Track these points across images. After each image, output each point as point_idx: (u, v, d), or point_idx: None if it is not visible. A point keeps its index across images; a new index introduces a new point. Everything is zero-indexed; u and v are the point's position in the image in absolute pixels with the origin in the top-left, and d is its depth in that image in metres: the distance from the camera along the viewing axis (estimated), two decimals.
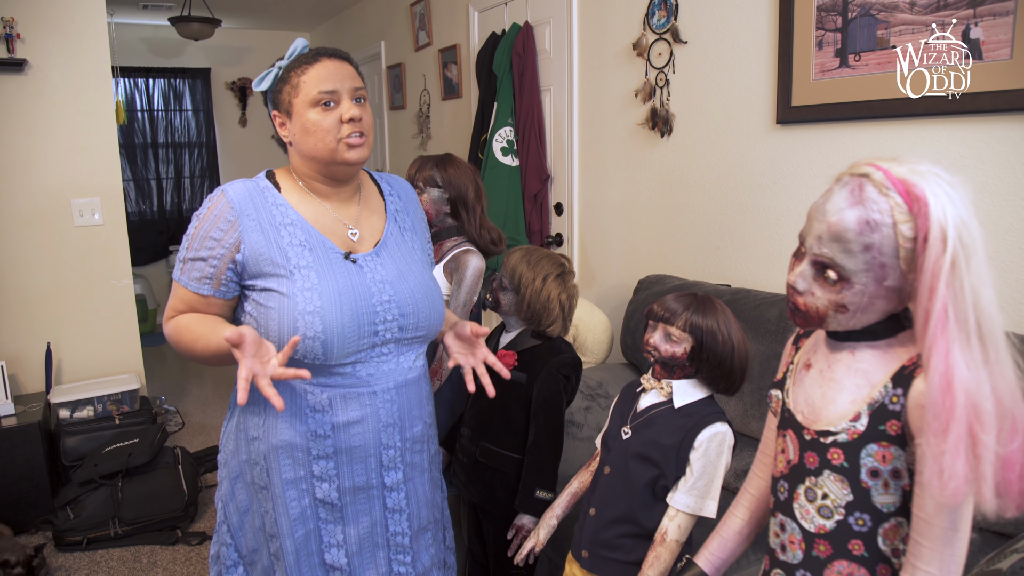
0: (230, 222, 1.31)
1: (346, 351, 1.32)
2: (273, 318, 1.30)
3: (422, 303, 1.42)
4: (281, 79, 1.34)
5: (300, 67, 1.32)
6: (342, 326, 1.30)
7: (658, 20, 2.74)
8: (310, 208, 1.39)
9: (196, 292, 1.34)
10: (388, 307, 1.37)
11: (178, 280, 1.35)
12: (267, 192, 1.37)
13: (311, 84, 1.30)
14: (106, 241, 3.37)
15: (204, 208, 1.35)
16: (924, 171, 0.85)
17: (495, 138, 3.51)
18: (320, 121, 1.31)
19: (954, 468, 0.79)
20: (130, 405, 3.28)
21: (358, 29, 5.76)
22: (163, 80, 6.31)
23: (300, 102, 1.31)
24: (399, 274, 1.41)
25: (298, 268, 1.32)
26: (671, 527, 1.37)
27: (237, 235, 1.31)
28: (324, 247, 1.36)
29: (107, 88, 3.28)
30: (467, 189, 2.06)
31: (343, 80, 1.32)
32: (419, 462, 1.49)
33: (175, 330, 1.35)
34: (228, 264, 1.32)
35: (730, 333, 1.39)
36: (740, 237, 2.53)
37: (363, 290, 1.35)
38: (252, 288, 1.34)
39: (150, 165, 6.31)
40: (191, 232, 1.34)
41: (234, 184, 1.37)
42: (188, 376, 5.10)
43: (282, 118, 1.36)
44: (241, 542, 1.43)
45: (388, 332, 1.37)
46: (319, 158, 1.34)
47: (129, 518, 2.81)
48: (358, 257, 1.38)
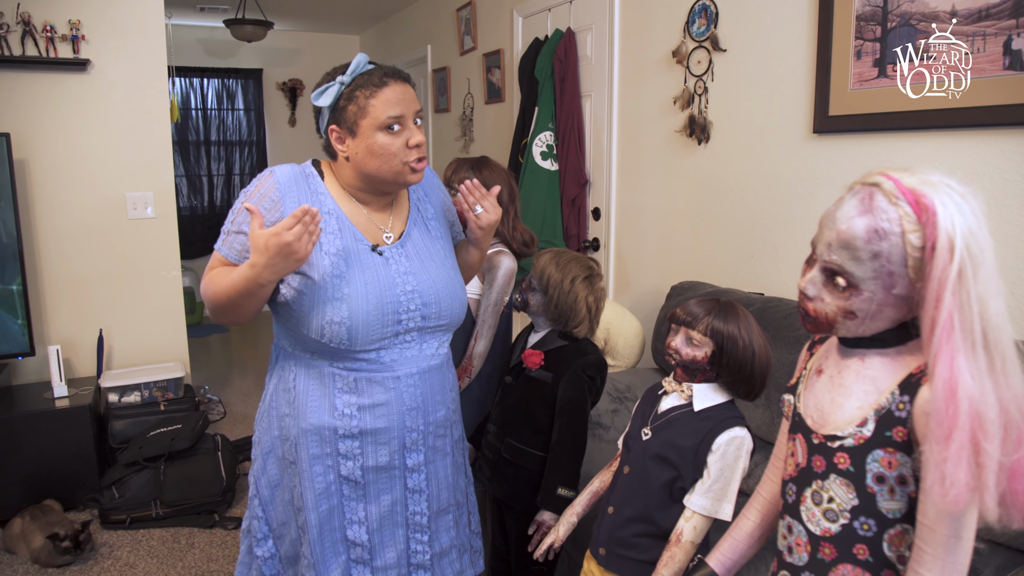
0: (274, 201, 1.39)
1: (370, 338, 1.39)
2: (304, 303, 1.37)
3: (444, 293, 1.48)
4: (345, 96, 1.37)
5: (368, 88, 1.36)
6: (367, 314, 1.37)
7: (698, 28, 2.75)
8: (348, 205, 1.47)
9: (235, 262, 1.41)
10: (411, 297, 1.43)
11: (218, 249, 1.43)
12: (311, 179, 1.45)
13: (381, 108, 1.35)
14: (157, 234, 3.51)
15: (252, 186, 1.43)
16: (935, 181, 0.86)
17: (535, 142, 3.55)
18: (388, 145, 1.36)
19: (956, 476, 0.80)
20: (175, 392, 3.40)
21: (405, 32, 5.86)
22: (217, 80, 6.52)
23: (367, 124, 1.36)
24: (422, 265, 1.48)
25: (329, 255, 1.39)
26: (687, 528, 1.39)
27: (279, 215, 1.38)
28: (355, 238, 1.43)
29: (163, 87, 3.42)
30: (501, 191, 2.10)
31: (409, 104, 1.38)
32: (441, 446, 1.54)
33: (209, 279, 1.41)
34: None
35: (751, 339, 1.40)
36: (774, 246, 2.52)
37: (388, 281, 1.41)
38: None
39: (202, 162, 6.52)
40: (237, 207, 1.42)
41: (282, 167, 1.45)
42: (232, 367, 5.25)
43: (342, 134, 1.40)
44: (271, 515, 1.51)
45: (411, 321, 1.44)
46: (382, 178, 1.41)
47: (170, 500, 2.92)
48: (384, 249, 1.45)
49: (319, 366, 1.44)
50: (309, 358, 1.45)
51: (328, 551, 1.45)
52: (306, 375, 1.45)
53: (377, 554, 1.49)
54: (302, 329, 1.39)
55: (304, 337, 1.40)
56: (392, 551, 1.48)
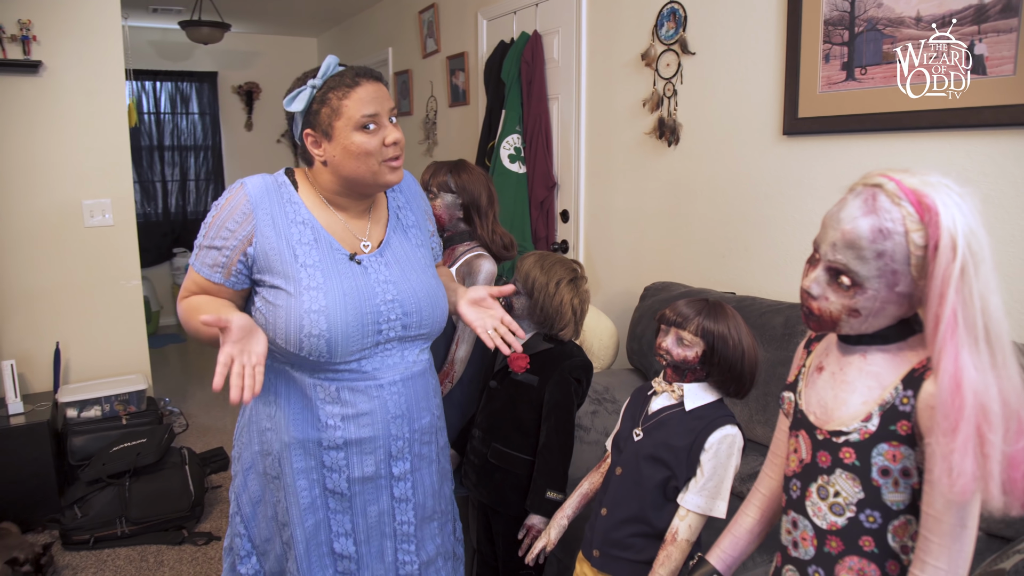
0: (245, 214, 1.36)
1: (350, 349, 1.37)
2: (280, 316, 1.34)
3: (425, 302, 1.46)
4: (318, 100, 1.35)
5: (340, 89, 1.33)
6: (346, 325, 1.35)
7: (667, 31, 2.79)
8: (324, 214, 1.44)
9: (208, 279, 1.39)
10: (391, 307, 1.41)
11: (192, 265, 1.41)
12: (284, 188, 1.42)
13: (354, 108, 1.33)
14: (116, 242, 3.41)
15: (223, 199, 1.39)
16: (935, 182, 0.89)
17: (502, 145, 3.55)
18: (365, 144, 1.34)
19: (963, 466, 0.83)
20: (137, 405, 3.31)
21: (365, 35, 5.81)
22: (170, 83, 6.36)
23: (342, 125, 1.34)
24: (402, 273, 1.46)
25: (305, 266, 1.36)
26: (682, 527, 1.41)
27: (251, 228, 1.36)
28: (331, 247, 1.40)
29: (120, 90, 3.32)
30: (480, 195, 2.10)
31: (382, 102, 1.36)
32: (427, 453, 1.53)
33: (187, 308, 1.40)
34: (240, 256, 1.36)
35: (740, 338, 1.42)
36: (745, 246, 2.57)
37: (367, 290, 1.39)
38: (262, 284, 1.39)
39: (156, 168, 6.35)
40: (209, 220, 1.39)
41: (254, 178, 1.41)
42: (190, 378, 5.12)
43: (318, 138, 1.37)
44: (254, 532, 1.47)
45: (392, 331, 1.42)
46: (360, 178, 1.38)
47: (136, 517, 2.83)
48: (362, 258, 1.43)
49: (300, 378, 1.41)
50: (289, 370, 1.42)
51: (315, 566, 1.43)
52: (287, 387, 1.42)
53: (364, 566, 1.46)
54: (279, 342, 1.36)
55: (283, 350, 1.37)
56: (379, 563, 1.46)
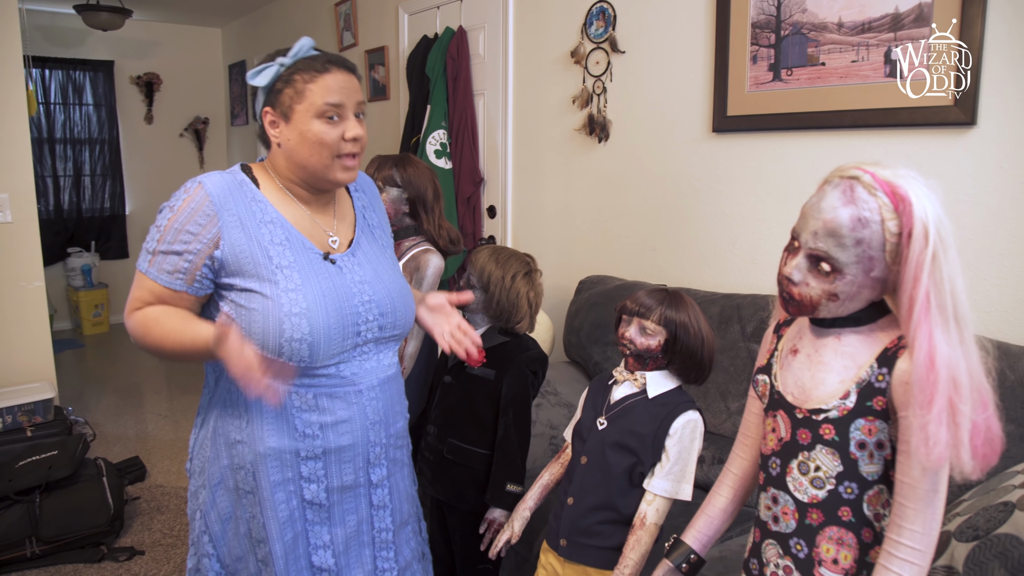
0: (209, 216, 1.28)
1: (331, 352, 1.32)
2: (257, 320, 1.27)
3: (399, 302, 1.43)
4: (283, 79, 1.30)
5: (308, 73, 1.29)
6: (328, 327, 1.30)
7: (596, 30, 2.85)
8: (290, 210, 1.38)
9: (167, 286, 1.29)
10: (369, 307, 1.37)
11: (146, 272, 1.30)
12: (245, 187, 1.34)
13: (319, 94, 1.28)
14: (16, 240, 3.17)
15: (178, 200, 1.30)
16: (904, 174, 0.96)
17: (428, 141, 3.53)
18: (323, 134, 1.29)
19: (938, 435, 0.90)
20: (43, 415, 3.09)
21: (277, 26, 5.62)
22: (60, 72, 5.93)
23: (303, 109, 1.29)
24: (375, 274, 1.42)
25: (280, 268, 1.30)
26: (649, 511, 1.45)
27: (216, 231, 1.28)
28: (304, 247, 1.35)
29: (18, 77, 3.09)
30: (426, 189, 2.09)
31: (350, 95, 1.32)
32: (400, 457, 1.51)
33: (142, 323, 1.30)
34: (205, 260, 1.28)
35: (700, 326, 1.48)
36: (676, 239, 2.66)
37: (345, 291, 1.35)
38: (230, 288, 1.31)
39: (46, 162, 5.91)
40: (163, 224, 1.29)
41: (211, 176, 1.33)
42: (89, 384, 4.81)
43: (276, 118, 1.32)
44: (223, 551, 1.40)
45: (369, 332, 1.38)
46: (311, 169, 1.33)
47: (48, 536, 2.64)
48: (336, 258, 1.38)
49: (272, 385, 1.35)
50: None
51: None
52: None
53: None
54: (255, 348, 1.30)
55: None
56: (360, 572, 1.42)
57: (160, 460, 3.57)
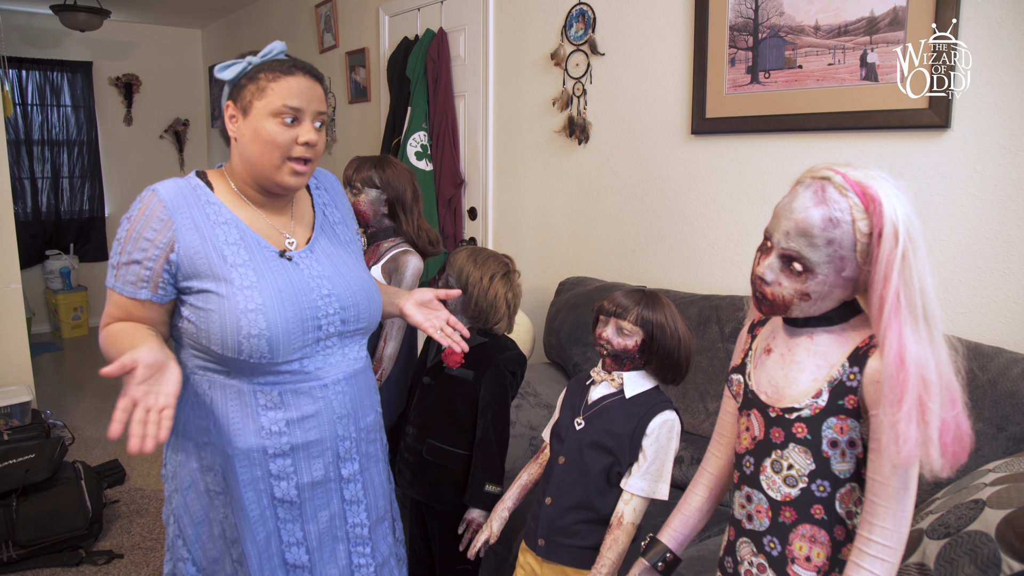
0: (163, 221, 1.28)
1: (292, 347, 1.32)
2: (214, 320, 1.28)
3: (360, 295, 1.44)
4: (248, 75, 1.31)
5: (273, 72, 1.30)
6: (286, 322, 1.30)
7: (576, 32, 2.86)
8: (245, 212, 1.38)
9: (132, 297, 1.30)
10: (328, 301, 1.38)
11: (112, 287, 1.31)
12: (199, 190, 1.35)
13: (278, 95, 1.29)
14: None
15: (134, 210, 1.31)
16: (875, 175, 0.97)
17: (409, 142, 3.52)
18: (275, 134, 1.29)
19: (908, 433, 0.91)
20: (20, 419, 3.05)
21: (257, 28, 5.59)
22: (38, 72, 5.85)
23: (261, 107, 1.29)
24: (335, 269, 1.43)
25: (235, 267, 1.30)
26: (627, 511, 1.45)
27: (171, 234, 1.28)
28: (259, 245, 1.35)
29: None
30: (405, 190, 2.08)
31: (311, 101, 1.32)
32: (374, 452, 1.51)
33: (104, 340, 1.31)
34: (163, 264, 1.28)
35: (676, 326, 1.49)
36: (656, 240, 2.67)
37: (302, 286, 1.35)
38: (188, 291, 1.31)
39: (23, 164, 5.83)
40: (122, 236, 1.30)
41: (165, 183, 1.33)
42: (67, 388, 4.76)
43: (236, 112, 1.33)
44: (198, 554, 1.39)
45: (331, 326, 1.38)
46: (259, 168, 1.33)
47: (25, 540, 2.60)
48: (293, 254, 1.39)
49: (236, 385, 1.34)
50: (224, 378, 1.34)
51: None
52: (223, 396, 1.34)
53: (319, 573, 1.42)
54: (215, 348, 1.29)
55: (218, 356, 1.30)
56: (334, 568, 1.42)
57: (140, 463, 3.54)
